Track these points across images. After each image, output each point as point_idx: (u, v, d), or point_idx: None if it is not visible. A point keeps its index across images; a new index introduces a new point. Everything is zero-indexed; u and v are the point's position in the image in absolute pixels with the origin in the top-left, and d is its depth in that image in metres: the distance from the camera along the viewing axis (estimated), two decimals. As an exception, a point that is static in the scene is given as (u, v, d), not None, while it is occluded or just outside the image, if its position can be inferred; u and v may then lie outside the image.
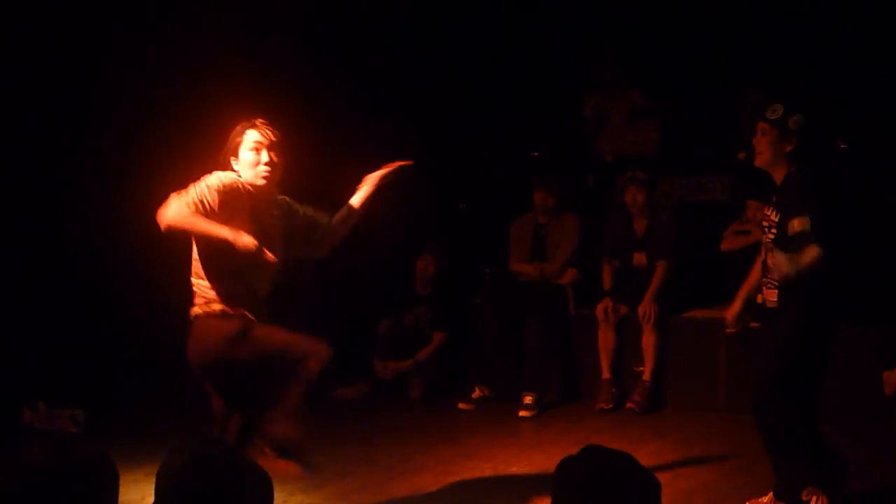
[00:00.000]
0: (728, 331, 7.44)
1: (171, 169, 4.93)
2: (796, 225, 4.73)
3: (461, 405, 7.83)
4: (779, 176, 4.97)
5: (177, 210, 4.50)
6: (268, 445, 4.64)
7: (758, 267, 5.20)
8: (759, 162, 5.02)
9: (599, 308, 7.86)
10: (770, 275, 5.02)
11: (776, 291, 4.99)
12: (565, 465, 2.51)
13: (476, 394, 7.89)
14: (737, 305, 5.41)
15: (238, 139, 4.79)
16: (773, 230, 4.93)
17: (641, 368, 7.73)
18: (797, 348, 4.93)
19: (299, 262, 5.24)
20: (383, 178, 5.17)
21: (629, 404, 7.63)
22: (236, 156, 4.78)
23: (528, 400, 7.65)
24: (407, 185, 9.21)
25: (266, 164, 4.75)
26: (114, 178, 7.80)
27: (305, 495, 5.55)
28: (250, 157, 4.75)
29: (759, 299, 7.29)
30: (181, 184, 4.65)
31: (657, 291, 7.73)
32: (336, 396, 8.06)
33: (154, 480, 2.54)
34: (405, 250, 8.57)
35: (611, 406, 7.68)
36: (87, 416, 6.93)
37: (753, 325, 7.32)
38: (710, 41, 9.25)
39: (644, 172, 7.98)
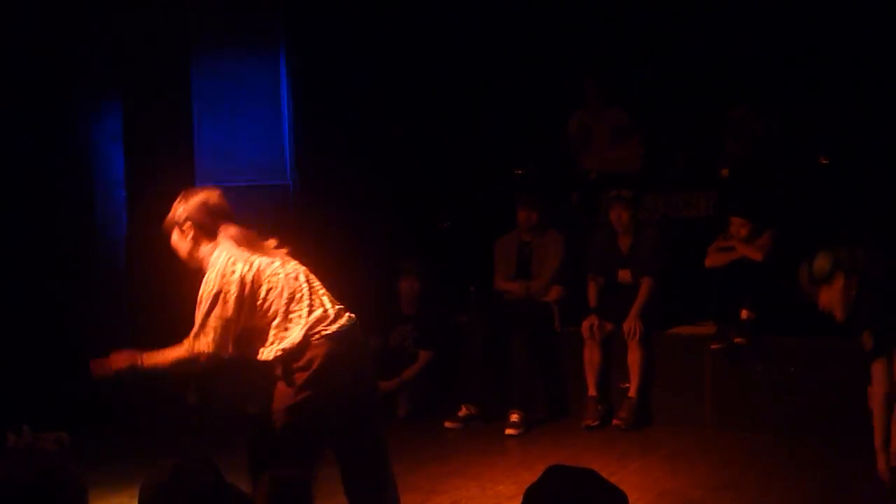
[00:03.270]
0: (713, 346, 7.50)
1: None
2: None
3: (447, 424, 7.81)
4: None
5: None
6: None
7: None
8: None
9: (585, 325, 7.85)
10: None
11: None
12: (530, 490, 2.50)
13: (462, 412, 7.87)
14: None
15: None
16: None
17: (627, 385, 7.73)
18: None
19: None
20: None
21: (615, 421, 7.63)
22: None
23: (514, 418, 7.64)
24: (391, 205, 9.32)
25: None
26: (112, 207, 7.82)
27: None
28: None
29: (744, 315, 7.35)
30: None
31: (642, 308, 7.73)
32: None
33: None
34: (390, 269, 8.57)
35: (597, 423, 7.68)
36: (73, 439, 6.89)
37: (738, 340, 7.38)
38: (693, 58, 9.29)
39: (628, 191, 7.99)
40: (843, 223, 7.62)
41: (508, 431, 7.57)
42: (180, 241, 4.56)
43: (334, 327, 4.47)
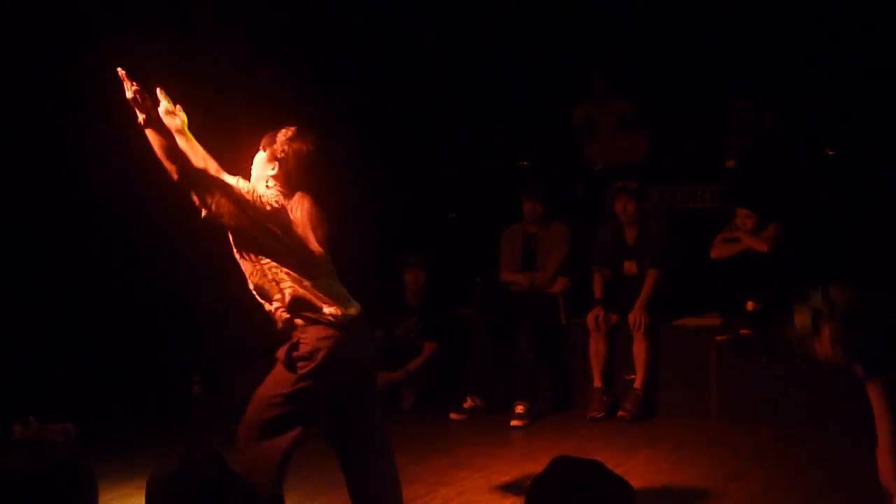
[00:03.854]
0: (718, 338, 7.49)
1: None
2: None
3: (453, 415, 7.81)
4: None
5: None
6: None
7: None
8: None
9: (590, 317, 7.86)
10: None
11: None
12: (536, 481, 2.50)
13: (468, 404, 7.87)
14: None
15: None
16: None
17: (632, 377, 7.73)
18: None
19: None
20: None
21: (621, 412, 7.63)
22: None
23: (519, 409, 7.64)
24: (397, 196, 9.32)
25: None
26: (112, 200, 7.79)
27: (298, 507, 5.54)
28: None
29: (750, 306, 7.35)
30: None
31: (647, 300, 7.73)
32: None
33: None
34: (395, 261, 8.57)
35: (602, 414, 7.68)
36: (79, 431, 6.90)
37: (744, 332, 7.38)
38: (697, 50, 9.28)
39: (634, 182, 7.99)
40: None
41: (514, 423, 7.58)
42: (260, 166, 4.38)
43: (343, 316, 4.41)
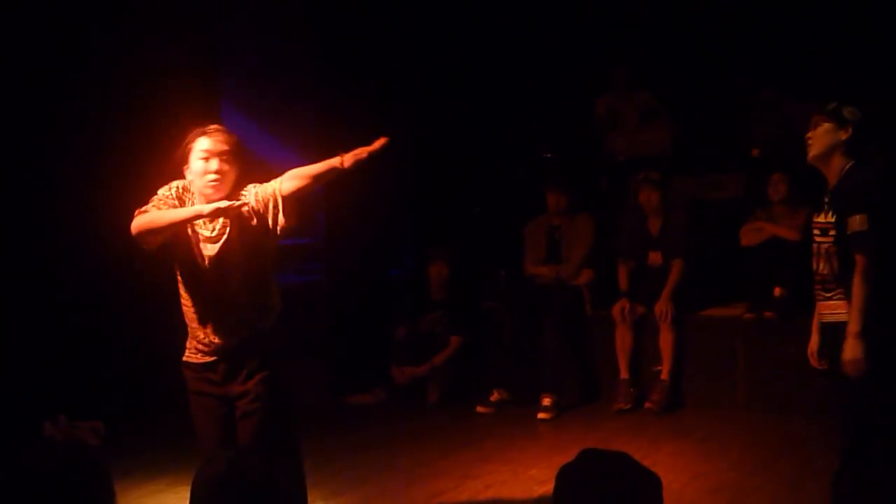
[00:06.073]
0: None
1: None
2: (856, 223, 4.30)
3: (479, 409, 7.82)
4: (832, 172, 4.48)
5: (137, 219, 4.34)
6: None
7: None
8: (812, 154, 4.50)
9: (616, 308, 7.84)
10: (830, 285, 4.49)
11: (842, 303, 4.41)
12: (563, 471, 2.50)
13: (494, 397, 7.87)
14: (815, 338, 4.81)
15: (188, 147, 4.44)
16: (832, 232, 4.42)
17: (659, 368, 7.71)
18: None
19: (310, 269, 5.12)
20: (372, 153, 4.47)
21: (648, 404, 7.61)
22: (187, 164, 4.45)
23: (546, 402, 7.64)
24: (421, 191, 9.32)
25: (213, 172, 4.37)
26: (118, 200, 7.77)
27: (325, 502, 5.55)
28: (199, 167, 4.38)
29: (777, 292, 7.32)
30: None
31: (673, 290, 7.71)
32: (354, 403, 8.09)
33: (180, 490, 2.56)
34: (420, 255, 8.58)
35: (629, 406, 7.67)
36: (108, 428, 6.95)
37: (768, 315, 7.36)
38: (721, 39, 9.23)
39: (657, 173, 7.98)
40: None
41: (540, 416, 7.57)
42: (231, 171, 4.43)
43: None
